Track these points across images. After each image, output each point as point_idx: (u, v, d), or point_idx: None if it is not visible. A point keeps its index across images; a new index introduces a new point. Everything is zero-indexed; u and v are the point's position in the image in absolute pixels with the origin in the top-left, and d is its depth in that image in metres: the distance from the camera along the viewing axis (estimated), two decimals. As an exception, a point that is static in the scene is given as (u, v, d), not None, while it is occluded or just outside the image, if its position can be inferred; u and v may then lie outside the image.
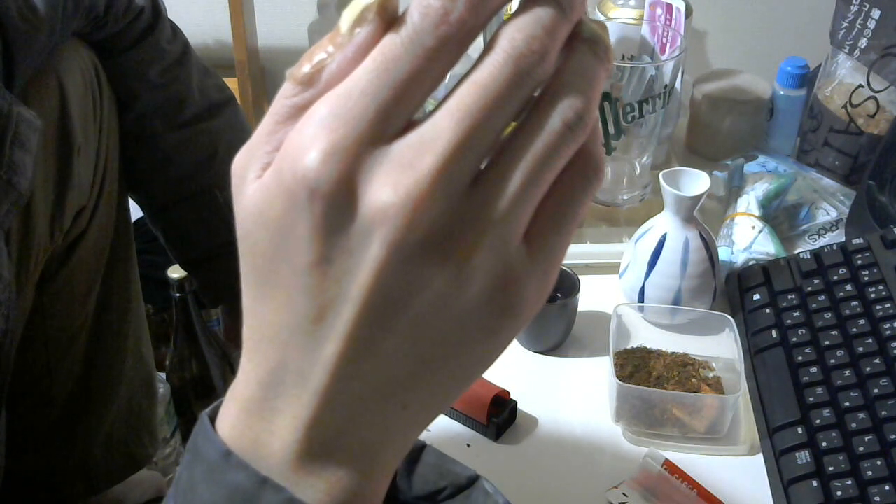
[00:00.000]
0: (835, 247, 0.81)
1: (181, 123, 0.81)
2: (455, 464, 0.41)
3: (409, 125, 0.27)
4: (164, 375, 0.91)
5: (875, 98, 0.96)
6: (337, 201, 0.27)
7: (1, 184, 0.60)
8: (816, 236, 0.93)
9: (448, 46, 0.27)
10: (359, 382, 0.30)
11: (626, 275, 0.82)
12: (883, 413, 0.65)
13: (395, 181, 0.27)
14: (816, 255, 0.81)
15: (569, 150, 0.28)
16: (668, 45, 0.87)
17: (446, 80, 0.29)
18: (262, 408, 0.31)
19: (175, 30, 0.82)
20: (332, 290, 0.29)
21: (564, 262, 0.81)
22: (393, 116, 0.27)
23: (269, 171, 0.29)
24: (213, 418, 0.33)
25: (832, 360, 0.71)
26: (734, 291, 0.84)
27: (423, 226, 0.27)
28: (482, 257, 0.28)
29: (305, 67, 0.29)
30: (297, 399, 0.31)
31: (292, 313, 0.30)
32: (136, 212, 0.84)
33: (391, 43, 0.27)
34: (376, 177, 0.27)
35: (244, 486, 0.31)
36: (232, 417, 0.32)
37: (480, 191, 0.27)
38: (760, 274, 0.83)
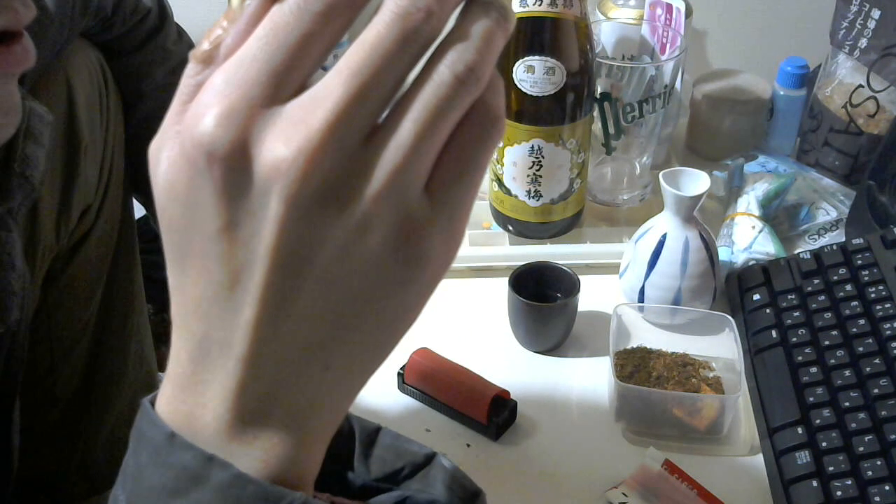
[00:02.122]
0: (835, 247, 0.81)
1: None
2: (411, 443, 0.41)
3: (303, 88, 0.28)
4: (165, 376, 0.91)
5: (875, 98, 0.96)
6: (234, 163, 0.28)
7: (15, 177, 0.60)
8: (816, 236, 0.93)
9: (336, 10, 0.29)
10: (278, 345, 0.31)
11: (626, 275, 0.82)
12: (883, 413, 0.65)
13: (287, 137, 0.28)
14: (816, 255, 0.81)
15: (461, 101, 0.28)
16: (668, 45, 0.87)
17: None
18: (193, 382, 0.32)
19: (180, 31, 0.82)
20: (242, 255, 0.30)
21: (564, 262, 0.81)
22: (285, 80, 0.28)
23: (175, 146, 0.30)
24: (153, 403, 0.33)
25: (832, 360, 0.71)
26: (734, 291, 0.84)
27: (317, 178, 0.28)
28: (379, 207, 0.28)
29: (204, 45, 0.30)
30: (223, 369, 0.31)
31: (209, 283, 0.31)
32: (138, 211, 0.84)
33: (280, 11, 0.28)
34: (269, 135, 0.28)
35: (191, 466, 0.31)
36: (167, 396, 0.33)
37: (375, 143, 0.28)
38: (760, 274, 0.83)
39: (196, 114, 0.29)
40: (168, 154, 0.30)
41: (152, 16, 0.78)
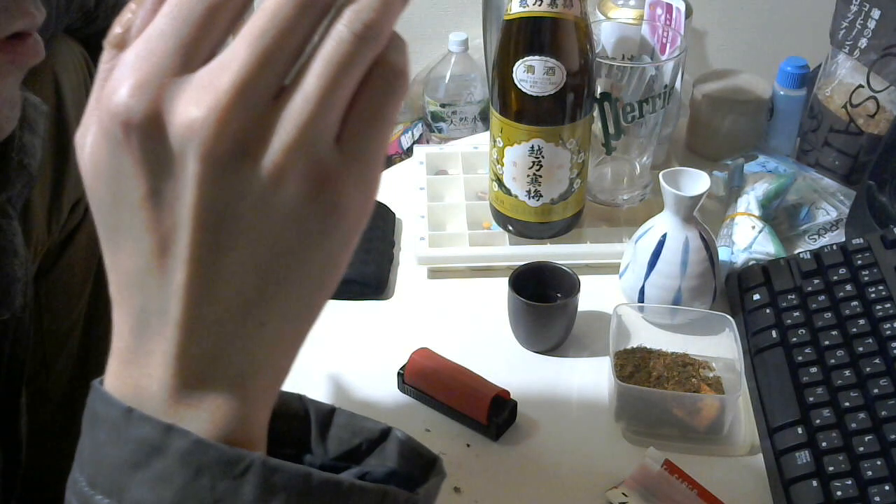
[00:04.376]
0: (835, 247, 0.81)
1: None
2: (366, 420, 0.42)
3: (212, 58, 0.30)
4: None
5: (875, 98, 0.96)
6: (150, 130, 0.30)
7: (13, 165, 0.61)
8: (816, 236, 0.93)
9: None
10: (213, 306, 0.32)
11: (626, 275, 0.82)
12: (883, 413, 0.65)
13: (197, 100, 0.29)
14: (816, 255, 0.81)
15: (361, 57, 0.30)
16: (668, 45, 0.87)
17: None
18: (137, 354, 0.33)
19: None
20: (167, 220, 0.31)
21: (564, 262, 0.81)
22: (193, 52, 0.30)
23: (94, 126, 0.32)
24: (102, 384, 0.35)
25: (832, 360, 0.71)
26: (734, 291, 0.84)
27: (229, 135, 0.29)
28: (292, 158, 0.30)
29: (116, 29, 0.32)
30: (162, 336, 0.33)
31: (140, 254, 0.32)
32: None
33: None
34: (181, 101, 0.30)
35: (150, 438, 0.32)
36: (114, 373, 0.34)
37: (282, 100, 0.30)
38: (760, 274, 0.83)
39: (110, 89, 0.30)
40: (90, 137, 0.32)
41: None
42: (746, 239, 0.87)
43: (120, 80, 0.30)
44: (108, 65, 0.32)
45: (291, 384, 0.38)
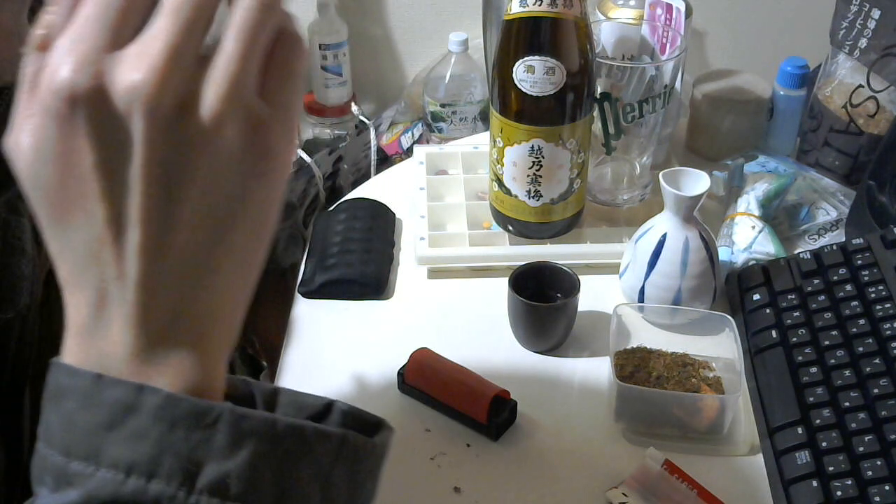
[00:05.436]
0: (835, 247, 0.81)
1: None
2: (307, 395, 0.44)
3: (138, 34, 0.34)
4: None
5: (875, 98, 0.96)
6: (95, 99, 0.33)
7: None
8: (816, 236, 0.94)
9: None
10: (170, 260, 0.34)
11: (626, 275, 0.82)
12: (883, 413, 0.65)
13: (136, 66, 0.33)
14: (816, 255, 0.81)
15: (267, 22, 0.35)
16: (668, 45, 0.87)
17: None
18: (97, 324, 0.35)
19: None
20: (119, 183, 0.34)
21: (564, 262, 0.81)
22: (121, 30, 0.33)
23: (34, 117, 0.34)
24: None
25: (832, 360, 0.71)
26: (734, 291, 0.84)
27: (169, 91, 0.33)
28: (228, 107, 0.34)
29: (39, 31, 0.35)
30: (122, 300, 0.35)
31: (93, 224, 0.34)
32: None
33: None
34: (120, 70, 0.33)
35: (123, 398, 0.34)
36: (73, 349, 0.36)
37: (207, 60, 0.34)
38: (760, 274, 0.83)
39: (49, 74, 0.33)
40: (27, 130, 0.34)
41: None
42: (746, 239, 0.87)
43: (58, 62, 0.33)
44: (33, 67, 0.34)
45: (291, 384, 0.38)
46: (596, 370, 0.78)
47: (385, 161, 1.72)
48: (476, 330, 0.83)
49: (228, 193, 0.35)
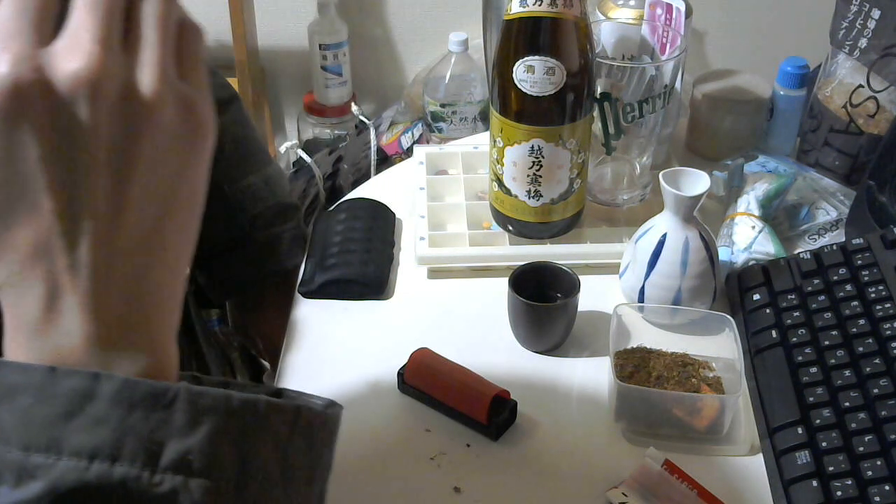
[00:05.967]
0: (835, 247, 0.81)
1: None
2: (311, 396, 0.45)
3: (59, 29, 0.35)
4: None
5: (875, 98, 0.96)
6: (39, 91, 0.34)
7: None
8: (816, 236, 0.93)
9: None
10: (122, 241, 0.35)
11: (625, 275, 0.82)
12: (883, 413, 0.65)
13: (72, 56, 0.34)
14: (816, 255, 0.81)
15: (171, 12, 0.38)
16: (668, 45, 0.87)
17: None
18: (49, 318, 0.35)
19: None
20: (67, 172, 0.34)
21: (564, 262, 0.81)
22: (43, 27, 0.35)
23: None
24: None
25: (832, 360, 0.71)
26: (734, 291, 0.84)
27: (110, 77, 0.34)
28: (163, 87, 0.36)
29: None
30: (77, 289, 0.35)
31: (42, 218, 0.35)
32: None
33: None
34: (57, 62, 0.34)
35: (79, 387, 0.34)
36: (24, 346, 0.36)
37: (131, 49, 0.36)
38: (760, 274, 0.83)
39: None
40: None
41: None
42: (746, 239, 0.87)
43: None
44: None
45: (292, 384, 0.38)
46: (596, 370, 0.78)
47: (385, 161, 1.72)
48: (476, 330, 0.83)
49: (170, 170, 0.37)
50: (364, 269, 0.87)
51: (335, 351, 0.81)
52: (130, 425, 0.34)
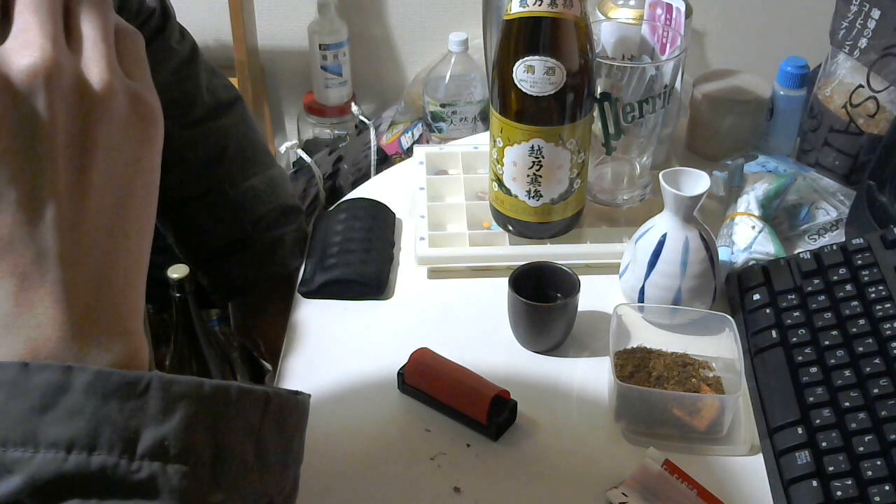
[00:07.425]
0: (835, 247, 0.81)
1: (191, 122, 0.82)
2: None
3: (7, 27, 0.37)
4: None
5: (875, 98, 0.96)
6: None
7: None
8: (816, 236, 0.93)
9: None
10: (86, 226, 0.37)
11: (625, 275, 0.82)
12: (883, 413, 0.65)
13: (26, 52, 0.36)
14: (816, 255, 0.81)
15: (109, 13, 0.39)
16: (668, 45, 0.87)
17: None
18: (19, 312, 0.36)
19: (183, 30, 0.83)
20: (30, 164, 0.35)
21: (564, 262, 0.81)
22: None
23: None
24: None
25: (832, 360, 0.71)
26: (734, 291, 0.84)
27: (62, 70, 0.36)
28: (112, 78, 0.38)
29: None
30: (46, 280, 0.36)
31: (7, 212, 0.35)
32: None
33: None
34: (12, 58, 0.36)
35: (53, 380, 0.35)
36: None
37: (76, 47, 0.38)
38: (760, 274, 0.83)
39: None
40: None
41: (156, 16, 0.79)
42: (746, 239, 0.87)
43: None
44: None
45: (292, 384, 0.39)
46: (596, 370, 0.78)
47: (385, 161, 1.72)
48: (476, 330, 0.83)
49: (126, 157, 0.38)
50: (364, 269, 0.87)
51: (335, 351, 0.81)
52: (106, 415, 0.35)
